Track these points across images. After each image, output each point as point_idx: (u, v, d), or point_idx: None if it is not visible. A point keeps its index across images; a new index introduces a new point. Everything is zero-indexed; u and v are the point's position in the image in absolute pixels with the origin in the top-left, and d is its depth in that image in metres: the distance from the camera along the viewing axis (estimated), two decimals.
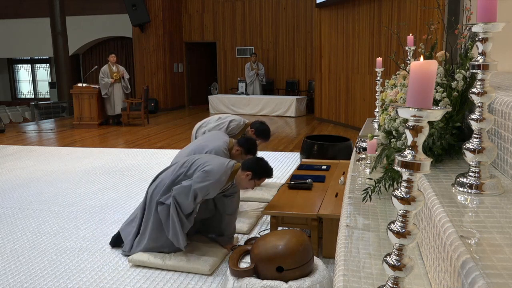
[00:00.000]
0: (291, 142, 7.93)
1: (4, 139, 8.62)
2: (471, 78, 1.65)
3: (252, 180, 3.10)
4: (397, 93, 2.10)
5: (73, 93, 9.94)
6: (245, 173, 3.08)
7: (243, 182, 3.11)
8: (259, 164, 3.14)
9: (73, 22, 14.23)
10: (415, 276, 1.22)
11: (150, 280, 2.90)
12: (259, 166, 3.12)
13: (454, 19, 3.07)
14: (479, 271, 0.80)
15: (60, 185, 5.24)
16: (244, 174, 3.08)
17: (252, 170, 3.07)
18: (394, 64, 3.55)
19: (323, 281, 2.44)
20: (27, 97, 17.78)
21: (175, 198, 3.02)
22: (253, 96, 12.03)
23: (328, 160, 4.71)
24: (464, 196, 1.25)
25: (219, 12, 13.33)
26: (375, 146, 2.40)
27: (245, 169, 3.08)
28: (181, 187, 3.02)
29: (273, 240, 2.51)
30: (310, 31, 12.34)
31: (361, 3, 8.54)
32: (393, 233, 0.90)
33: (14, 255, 3.34)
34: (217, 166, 3.03)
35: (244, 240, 3.51)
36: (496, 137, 1.47)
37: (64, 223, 3.99)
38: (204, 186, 2.96)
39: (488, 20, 1.17)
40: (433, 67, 0.82)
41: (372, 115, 4.42)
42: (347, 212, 1.70)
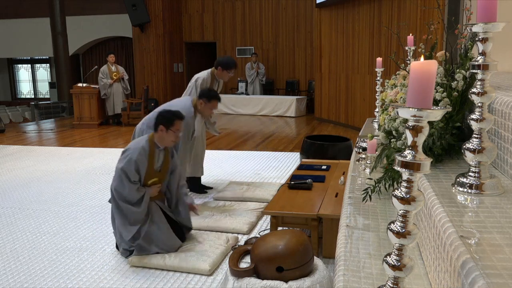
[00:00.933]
0: (291, 142, 7.93)
1: (4, 139, 8.62)
2: (471, 78, 1.65)
3: (170, 131, 3.20)
4: (397, 93, 2.10)
5: (73, 93, 9.94)
6: (159, 131, 3.20)
7: (164, 138, 3.21)
8: (163, 114, 3.26)
9: (73, 22, 14.23)
10: (415, 276, 1.22)
11: (150, 280, 2.90)
12: (163, 116, 3.24)
13: (454, 19, 3.07)
14: (479, 271, 0.80)
15: (60, 185, 5.23)
16: (159, 131, 3.20)
17: (162, 124, 3.19)
18: (394, 64, 3.56)
19: (323, 281, 2.44)
20: (27, 97, 17.78)
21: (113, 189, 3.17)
22: (253, 96, 12.03)
23: (328, 160, 4.71)
24: (464, 196, 1.25)
25: (219, 12, 13.33)
26: (375, 146, 2.40)
27: (156, 129, 3.21)
28: (114, 176, 3.18)
29: (273, 240, 2.51)
30: (310, 31, 12.34)
31: (361, 3, 8.54)
32: (393, 233, 0.90)
33: (14, 255, 3.34)
34: (132, 142, 3.30)
35: (244, 240, 3.51)
36: (496, 137, 1.47)
37: (64, 223, 3.99)
38: (126, 161, 3.11)
39: (488, 20, 1.17)
40: (433, 67, 0.82)
41: (372, 115, 4.42)
42: (347, 212, 1.70)
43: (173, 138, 3.24)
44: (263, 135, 8.71)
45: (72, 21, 13.97)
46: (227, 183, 5.04)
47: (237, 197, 4.46)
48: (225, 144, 7.67)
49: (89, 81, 12.00)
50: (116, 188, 3.16)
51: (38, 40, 15.21)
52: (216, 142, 7.93)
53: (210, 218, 3.87)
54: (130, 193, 3.13)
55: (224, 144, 7.64)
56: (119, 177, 3.13)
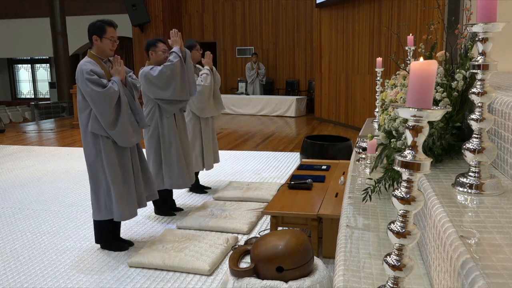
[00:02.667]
0: (291, 142, 7.93)
1: (4, 139, 8.62)
2: (471, 78, 1.65)
3: (104, 39, 3.16)
4: (397, 93, 2.10)
5: (73, 93, 9.92)
6: (94, 41, 3.18)
7: (102, 48, 3.18)
8: (93, 24, 3.25)
9: (73, 22, 14.23)
10: (415, 276, 1.22)
11: (150, 280, 2.90)
12: (93, 25, 3.22)
13: (454, 19, 3.07)
14: (479, 271, 0.80)
15: (60, 185, 5.23)
16: (94, 42, 3.17)
17: (94, 34, 3.19)
18: (394, 64, 3.56)
19: (323, 281, 2.44)
20: (27, 97, 17.78)
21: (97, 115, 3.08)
22: (253, 96, 12.03)
23: (328, 160, 4.71)
24: (464, 196, 1.25)
25: (219, 12, 13.33)
26: (375, 146, 2.40)
27: (91, 41, 3.20)
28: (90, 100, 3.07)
29: (273, 240, 2.51)
30: (310, 31, 12.34)
31: (361, 3, 8.54)
32: (393, 233, 0.90)
33: (14, 255, 3.34)
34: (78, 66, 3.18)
35: (244, 240, 3.51)
36: (496, 137, 1.47)
37: (64, 223, 3.99)
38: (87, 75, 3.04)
39: (488, 20, 1.17)
40: (433, 67, 0.82)
41: (372, 115, 4.42)
42: (347, 212, 1.70)
43: (110, 46, 3.18)
44: (263, 135, 8.71)
45: (72, 21, 13.98)
46: (227, 183, 5.04)
47: (237, 197, 4.46)
48: (225, 144, 7.67)
49: None
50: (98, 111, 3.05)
51: (38, 40, 15.21)
52: None
53: (210, 218, 3.87)
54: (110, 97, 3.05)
55: (224, 144, 7.64)
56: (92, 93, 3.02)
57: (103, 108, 3.04)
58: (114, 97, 3.06)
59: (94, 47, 3.19)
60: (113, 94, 3.06)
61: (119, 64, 3.20)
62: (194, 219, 3.86)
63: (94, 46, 3.19)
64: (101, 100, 3.03)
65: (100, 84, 3.03)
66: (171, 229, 3.69)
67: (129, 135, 3.18)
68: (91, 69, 3.06)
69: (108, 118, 3.06)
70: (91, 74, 3.03)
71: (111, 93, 3.05)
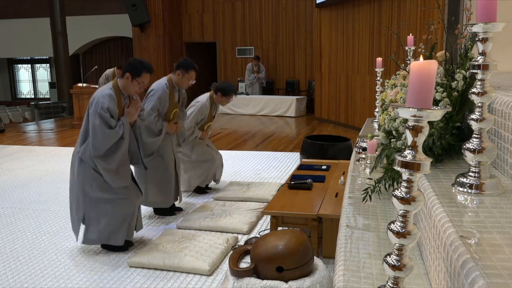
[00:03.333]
0: (291, 142, 7.93)
1: (4, 139, 8.62)
2: (471, 78, 1.65)
3: (135, 81, 3.16)
4: (397, 93, 2.10)
5: (73, 93, 9.93)
6: (125, 78, 3.16)
7: (128, 86, 3.18)
8: (133, 63, 3.20)
9: (73, 22, 14.23)
10: (415, 276, 1.22)
11: (150, 280, 2.90)
12: (132, 64, 3.18)
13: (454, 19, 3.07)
14: (479, 271, 0.80)
15: (60, 185, 5.23)
16: (125, 79, 3.16)
17: (129, 71, 3.15)
18: (394, 64, 3.56)
19: (323, 281, 2.44)
20: (27, 97, 17.78)
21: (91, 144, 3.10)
22: (253, 96, 12.03)
23: (328, 160, 4.71)
24: (464, 196, 1.24)
25: (219, 12, 13.33)
26: (375, 146, 2.40)
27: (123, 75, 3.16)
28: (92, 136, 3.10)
29: (273, 240, 2.51)
30: (310, 31, 12.34)
31: (361, 3, 8.54)
32: (393, 233, 0.90)
33: (14, 255, 3.34)
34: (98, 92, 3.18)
35: (244, 240, 3.51)
36: (496, 137, 1.47)
37: (64, 223, 3.99)
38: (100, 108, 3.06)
39: (488, 20, 1.17)
40: (433, 67, 0.82)
41: (372, 115, 4.42)
42: (347, 212, 1.70)
43: (137, 89, 3.21)
44: (263, 135, 8.71)
45: (72, 21, 13.97)
46: (227, 183, 5.04)
47: (237, 197, 4.46)
48: (225, 144, 7.67)
49: (89, 81, 11.99)
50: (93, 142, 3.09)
51: (38, 40, 15.21)
52: (216, 142, 7.93)
53: (210, 218, 3.87)
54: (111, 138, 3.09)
55: (224, 144, 7.64)
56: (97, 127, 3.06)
57: (100, 143, 3.10)
58: (115, 138, 3.13)
59: (123, 82, 3.20)
60: (115, 136, 3.12)
61: (135, 108, 3.26)
62: (194, 219, 3.86)
63: (122, 81, 3.20)
64: (102, 137, 3.09)
65: (108, 124, 3.09)
66: (171, 229, 3.69)
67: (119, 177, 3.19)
68: (108, 106, 3.09)
69: (99, 151, 3.10)
70: (106, 111, 3.08)
71: (114, 135, 3.11)
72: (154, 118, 3.83)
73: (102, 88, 3.22)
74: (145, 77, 3.19)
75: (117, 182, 3.17)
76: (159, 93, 3.89)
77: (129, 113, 3.22)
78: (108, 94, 3.11)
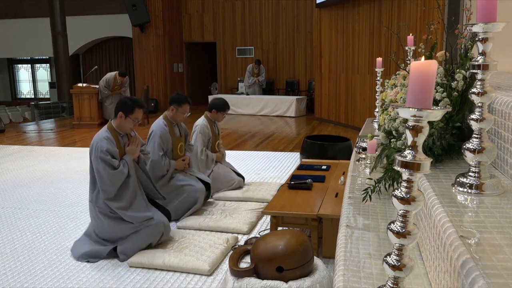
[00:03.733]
0: (291, 142, 7.93)
1: (4, 139, 8.62)
2: (471, 78, 1.65)
3: (128, 118, 3.21)
4: (397, 93, 2.10)
5: (73, 93, 9.94)
6: (118, 117, 3.21)
7: (123, 125, 3.23)
8: (123, 101, 3.26)
9: (73, 22, 14.23)
10: (415, 276, 1.22)
11: (150, 280, 2.90)
12: (123, 103, 3.24)
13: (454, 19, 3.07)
14: (479, 271, 0.80)
15: (60, 185, 5.23)
16: (118, 118, 3.21)
17: (122, 110, 3.20)
18: (394, 64, 3.55)
19: (323, 281, 2.44)
20: (27, 97, 17.78)
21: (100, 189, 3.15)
22: (253, 96, 12.02)
23: (328, 160, 4.71)
24: (464, 196, 1.24)
25: (219, 12, 13.33)
26: (375, 146, 2.40)
27: (116, 115, 3.22)
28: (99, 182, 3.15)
29: (273, 240, 2.51)
30: (310, 31, 12.34)
31: (361, 3, 8.54)
32: (393, 233, 0.90)
33: (14, 255, 3.34)
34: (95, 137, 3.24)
35: (244, 240, 3.51)
36: (496, 137, 1.47)
37: (64, 223, 3.99)
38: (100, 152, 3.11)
39: (488, 20, 1.17)
40: (433, 67, 0.82)
41: (372, 115, 4.42)
42: (347, 212, 1.70)
43: (131, 126, 3.26)
44: (263, 135, 8.71)
45: (72, 21, 13.97)
46: None
47: (237, 197, 4.46)
48: (225, 144, 7.67)
49: (89, 81, 12.00)
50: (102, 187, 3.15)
51: (38, 40, 15.21)
52: None
53: (210, 218, 3.87)
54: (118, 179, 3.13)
55: (224, 144, 7.62)
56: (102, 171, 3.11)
57: (108, 186, 3.14)
58: (121, 178, 3.16)
59: (116, 121, 3.25)
60: (121, 176, 3.15)
61: (135, 144, 3.30)
62: (194, 219, 3.86)
63: (116, 121, 3.25)
64: (108, 179, 3.13)
65: (112, 165, 3.12)
66: (171, 229, 3.69)
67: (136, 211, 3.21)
68: (106, 148, 3.13)
69: (110, 193, 3.15)
70: (106, 154, 3.12)
71: (120, 175, 3.14)
72: (162, 157, 3.93)
73: (99, 132, 3.28)
74: (138, 112, 3.24)
75: (137, 218, 3.19)
76: (159, 132, 3.97)
77: (131, 150, 3.27)
78: (104, 137, 3.18)
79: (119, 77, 9.83)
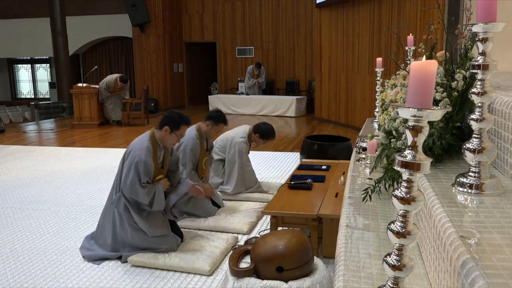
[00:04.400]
0: (291, 142, 7.93)
1: (4, 139, 8.62)
2: (471, 78, 1.65)
3: (173, 134, 3.18)
4: (397, 93, 2.10)
5: (73, 93, 9.94)
6: (163, 130, 3.18)
7: (166, 139, 3.20)
8: (171, 116, 3.22)
9: (73, 22, 14.23)
10: (415, 276, 1.22)
11: (150, 280, 2.90)
12: (171, 118, 3.20)
13: (454, 19, 3.07)
14: (479, 271, 0.80)
15: (60, 185, 5.24)
16: (163, 131, 3.17)
17: (168, 125, 3.16)
18: (394, 64, 3.55)
19: (323, 281, 2.44)
20: (27, 97, 17.78)
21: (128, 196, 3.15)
22: (253, 96, 12.03)
23: (328, 160, 4.71)
24: (464, 196, 1.24)
25: (219, 12, 13.33)
26: (375, 146, 2.40)
27: (161, 127, 3.18)
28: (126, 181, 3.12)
29: (273, 240, 2.51)
30: (310, 31, 12.34)
31: (361, 3, 8.54)
32: (393, 233, 0.90)
33: (14, 255, 3.34)
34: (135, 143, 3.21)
35: (244, 240, 3.51)
36: (496, 137, 1.47)
37: (64, 223, 3.99)
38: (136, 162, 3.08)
39: (488, 20, 1.17)
40: (433, 67, 0.82)
41: (372, 115, 4.41)
42: (347, 212, 1.70)
43: (174, 141, 3.24)
44: None
45: (72, 21, 13.97)
46: None
47: (237, 197, 4.46)
48: None
49: (89, 81, 12.00)
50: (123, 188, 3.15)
51: (38, 40, 15.20)
52: None
53: (210, 218, 3.87)
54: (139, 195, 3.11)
55: None
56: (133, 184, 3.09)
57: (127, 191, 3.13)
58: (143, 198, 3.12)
59: (160, 134, 3.21)
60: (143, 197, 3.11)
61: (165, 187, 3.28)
62: (194, 219, 3.85)
63: (160, 133, 3.20)
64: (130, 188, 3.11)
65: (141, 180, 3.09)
66: None
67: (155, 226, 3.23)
68: (145, 160, 3.09)
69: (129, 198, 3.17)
70: (142, 165, 3.08)
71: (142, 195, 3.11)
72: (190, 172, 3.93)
73: (140, 139, 3.22)
74: (183, 129, 3.23)
75: (151, 231, 3.17)
76: (190, 145, 3.96)
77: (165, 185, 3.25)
78: (146, 147, 3.13)
79: (120, 82, 9.83)
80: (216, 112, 4.12)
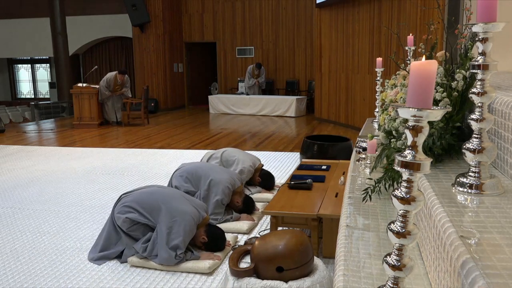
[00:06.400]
0: (291, 142, 7.93)
1: (4, 139, 8.62)
2: (471, 78, 1.65)
3: (203, 246, 3.19)
4: (397, 93, 2.10)
5: (73, 93, 9.94)
6: (202, 235, 3.17)
7: (196, 238, 3.18)
8: (216, 241, 3.21)
9: (73, 22, 14.23)
10: (415, 276, 1.22)
11: (150, 280, 2.90)
12: (214, 242, 3.20)
13: (454, 19, 3.07)
14: (479, 271, 0.80)
15: (60, 185, 5.23)
16: (201, 235, 3.17)
17: (209, 241, 3.17)
18: (394, 64, 3.56)
19: (323, 281, 2.44)
20: (27, 97, 17.78)
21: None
22: (253, 96, 12.03)
23: (328, 160, 4.71)
24: (464, 196, 1.24)
25: (219, 12, 13.33)
26: (375, 146, 2.40)
27: (205, 233, 3.17)
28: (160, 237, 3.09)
29: (273, 240, 2.51)
30: (310, 31, 12.34)
31: (361, 3, 8.54)
32: (393, 233, 0.89)
33: (14, 255, 3.34)
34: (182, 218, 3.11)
35: (244, 240, 3.51)
36: (496, 137, 1.47)
37: (64, 223, 3.99)
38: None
39: (488, 20, 1.17)
40: (433, 67, 0.82)
41: (372, 115, 4.41)
42: (347, 212, 1.70)
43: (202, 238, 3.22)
44: (263, 135, 8.71)
45: (72, 21, 13.98)
46: None
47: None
48: (225, 144, 7.66)
49: (89, 81, 12.01)
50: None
51: (38, 40, 15.21)
52: (216, 142, 7.94)
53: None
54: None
55: (224, 144, 7.64)
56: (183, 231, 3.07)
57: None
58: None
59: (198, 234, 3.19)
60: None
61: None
62: None
63: (199, 232, 3.19)
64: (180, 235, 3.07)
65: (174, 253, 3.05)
66: None
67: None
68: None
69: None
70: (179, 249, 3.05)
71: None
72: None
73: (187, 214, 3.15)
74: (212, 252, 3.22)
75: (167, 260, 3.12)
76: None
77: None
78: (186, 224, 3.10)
79: (119, 75, 9.84)
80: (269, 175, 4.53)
